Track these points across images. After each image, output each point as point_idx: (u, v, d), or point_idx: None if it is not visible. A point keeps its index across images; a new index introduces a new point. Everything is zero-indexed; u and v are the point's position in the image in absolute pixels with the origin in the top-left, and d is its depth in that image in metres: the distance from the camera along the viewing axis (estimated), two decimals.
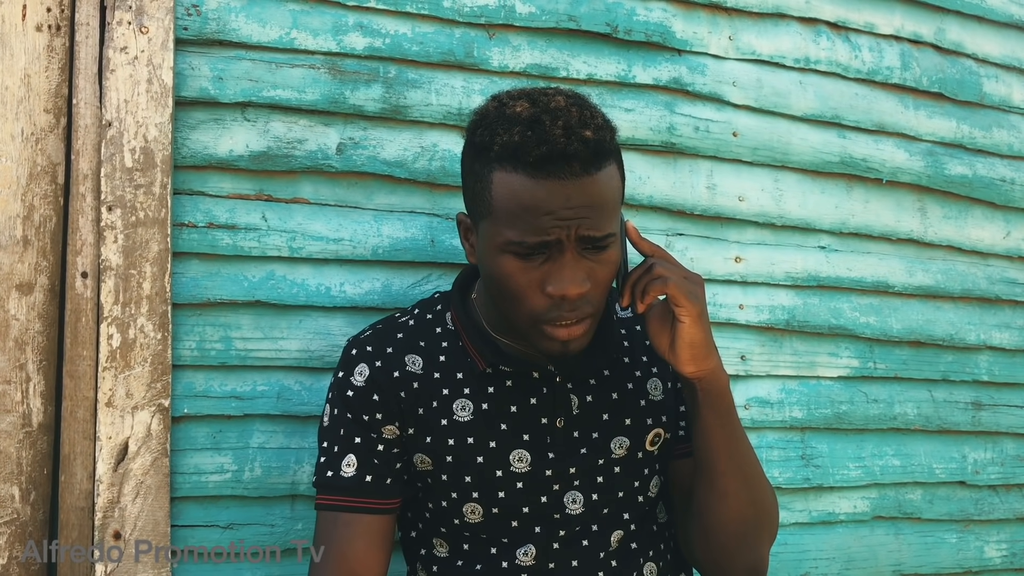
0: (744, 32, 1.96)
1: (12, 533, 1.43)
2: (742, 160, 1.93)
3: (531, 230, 1.17)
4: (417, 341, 1.35)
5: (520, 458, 1.30)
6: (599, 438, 1.33)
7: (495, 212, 1.20)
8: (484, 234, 1.24)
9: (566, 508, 1.31)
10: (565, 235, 1.18)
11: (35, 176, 1.47)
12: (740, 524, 1.29)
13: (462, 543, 1.33)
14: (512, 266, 1.20)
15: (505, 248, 1.20)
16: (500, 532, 1.31)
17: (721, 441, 1.28)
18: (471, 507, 1.31)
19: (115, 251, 1.45)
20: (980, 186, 2.20)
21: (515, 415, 1.31)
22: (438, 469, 1.31)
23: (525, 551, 1.31)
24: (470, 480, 1.30)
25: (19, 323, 1.45)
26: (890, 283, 2.06)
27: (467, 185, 1.29)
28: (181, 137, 1.53)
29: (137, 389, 1.45)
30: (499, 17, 1.74)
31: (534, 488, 1.30)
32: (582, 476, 1.31)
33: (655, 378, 1.38)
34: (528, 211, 1.17)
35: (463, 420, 1.31)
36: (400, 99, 1.65)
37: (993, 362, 2.18)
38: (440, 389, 1.32)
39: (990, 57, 2.25)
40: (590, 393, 1.33)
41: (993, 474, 2.16)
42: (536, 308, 1.21)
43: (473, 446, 1.30)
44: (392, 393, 1.31)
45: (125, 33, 1.48)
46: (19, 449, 1.44)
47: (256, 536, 1.53)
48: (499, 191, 1.19)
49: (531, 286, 1.20)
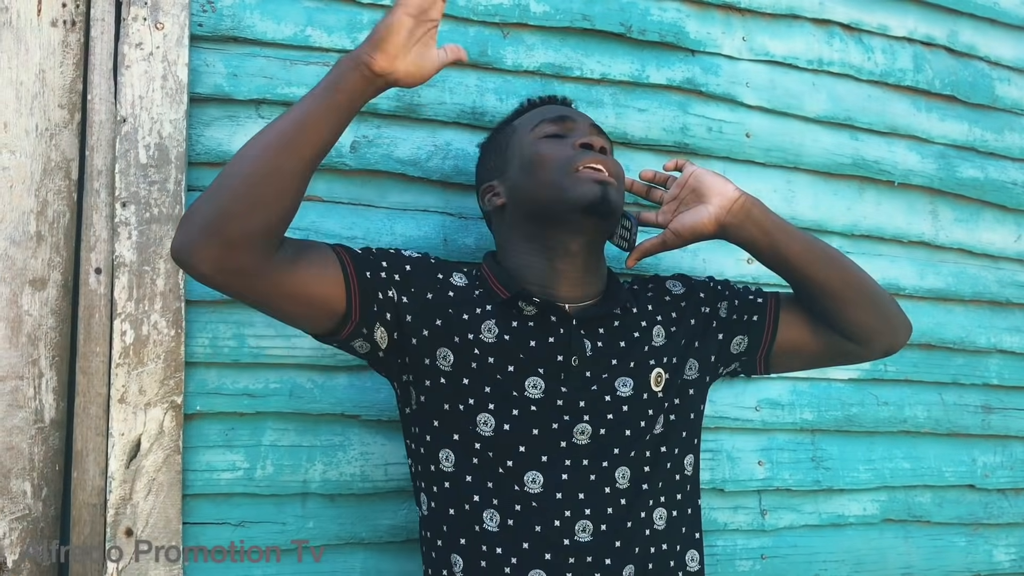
0: (758, 33, 1.96)
1: (24, 529, 1.42)
2: (755, 161, 1.93)
3: (550, 112, 1.49)
4: (463, 270, 1.45)
5: (535, 385, 1.36)
6: (608, 377, 1.39)
7: (519, 128, 1.48)
8: (515, 149, 1.46)
9: (573, 437, 1.35)
10: (575, 116, 1.48)
11: (49, 172, 1.47)
12: (864, 287, 1.49)
13: (471, 456, 1.35)
14: (545, 144, 1.43)
15: (536, 135, 1.44)
16: (508, 452, 1.34)
17: (796, 240, 1.46)
18: (484, 418, 1.34)
19: (129, 247, 1.45)
20: (992, 189, 2.19)
21: (533, 349, 1.37)
22: (459, 371, 1.35)
23: (533, 478, 1.33)
24: (488, 391, 1.35)
25: (32, 319, 1.44)
26: (901, 285, 2.05)
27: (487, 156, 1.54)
28: (195, 134, 1.52)
29: (150, 386, 1.45)
30: (513, 16, 1.73)
31: (546, 413, 1.35)
32: (591, 411, 1.37)
33: (659, 325, 1.47)
34: (544, 111, 1.50)
35: (488, 340, 1.36)
36: (414, 97, 1.65)
37: (1003, 365, 2.17)
38: (473, 308, 1.39)
39: (1003, 60, 2.24)
40: (600, 339, 1.40)
41: (1003, 478, 2.15)
42: (567, 156, 1.40)
43: (493, 365, 1.35)
44: (426, 278, 1.38)
45: (140, 29, 1.48)
46: (31, 445, 1.43)
47: (267, 534, 1.53)
48: (519, 121, 1.50)
49: (561, 148, 1.42)
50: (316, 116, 1.20)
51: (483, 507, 1.33)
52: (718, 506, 1.84)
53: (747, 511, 1.87)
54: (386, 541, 1.59)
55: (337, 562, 1.56)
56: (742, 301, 1.53)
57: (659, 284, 1.54)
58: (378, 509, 1.59)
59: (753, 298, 1.54)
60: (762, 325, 1.52)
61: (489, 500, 1.33)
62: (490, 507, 1.33)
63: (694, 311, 1.51)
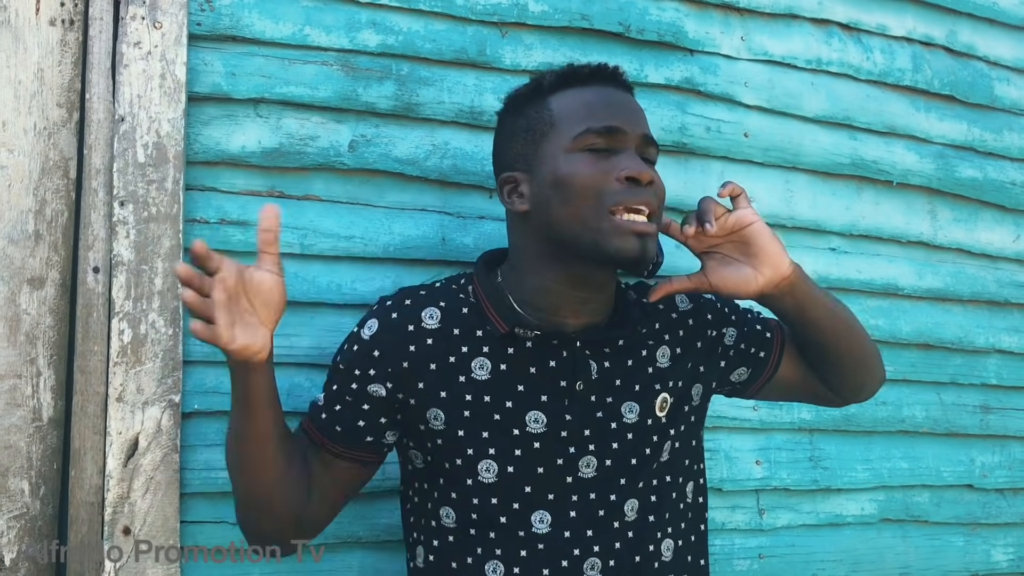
0: (756, 33, 1.96)
1: (22, 528, 1.43)
2: (753, 161, 1.93)
3: (599, 118, 1.30)
4: (438, 300, 1.36)
5: (536, 419, 1.31)
6: (613, 402, 1.34)
7: (558, 122, 1.31)
8: (547, 152, 1.31)
9: (579, 471, 1.31)
10: (628, 127, 1.31)
11: (47, 170, 1.47)
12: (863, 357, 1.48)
13: (471, 511, 1.31)
14: (584, 161, 1.28)
15: (576, 145, 1.29)
16: (513, 496, 1.30)
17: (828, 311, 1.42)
18: (486, 464, 1.30)
19: (127, 246, 1.45)
20: (990, 189, 2.20)
21: (533, 376, 1.32)
22: (454, 425, 1.31)
23: (541, 518, 1.30)
24: (487, 436, 1.30)
25: (30, 317, 1.45)
26: (899, 285, 2.05)
27: (514, 133, 1.37)
28: (194, 133, 1.52)
29: (148, 385, 1.45)
30: (512, 15, 1.73)
31: (549, 449, 1.31)
32: (596, 440, 1.32)
33: (664, 346, 1.40)
34: (592, 105, 1.31)
35: (481, 378, 1.31)
36: (412, 97, 1.65)
37: (1002, 365, 2.18)
38: (459, 346, 1.32)
39: (1002, 60, 2.24)
40: (606, 359, 1.35)
41: (1001, 478, 2.15)
42: (608, 191, 1.26)
43: (490, 404, 1.31)
44: (398, 349, 1.32)
45: (139, 28, 1.48)
46: (29, 444, 1.44)
47: None
48: (559, 105, 1.32)
49: (602, 174, 1.27)
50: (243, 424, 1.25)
51: (485, 559, 1.30)
52: (716, 505, 1.84)
53: (745, 511, 1.87)
54: (383, 540, 1.59)
55: (335, 561, 1.56)
56: (751, 331, 1.49)
57: (666, 299, 1.45)
58: (375, 508, 1.59)
59: (761, 330, 1.50)
60: (767, 362, 1.50)
61: (492, 552, 1.31)
62: (493, 558, 1.30)
63: (701, 333, 1.45)
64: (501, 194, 1.38)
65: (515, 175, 1.35)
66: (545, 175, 1.30)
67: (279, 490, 1.28)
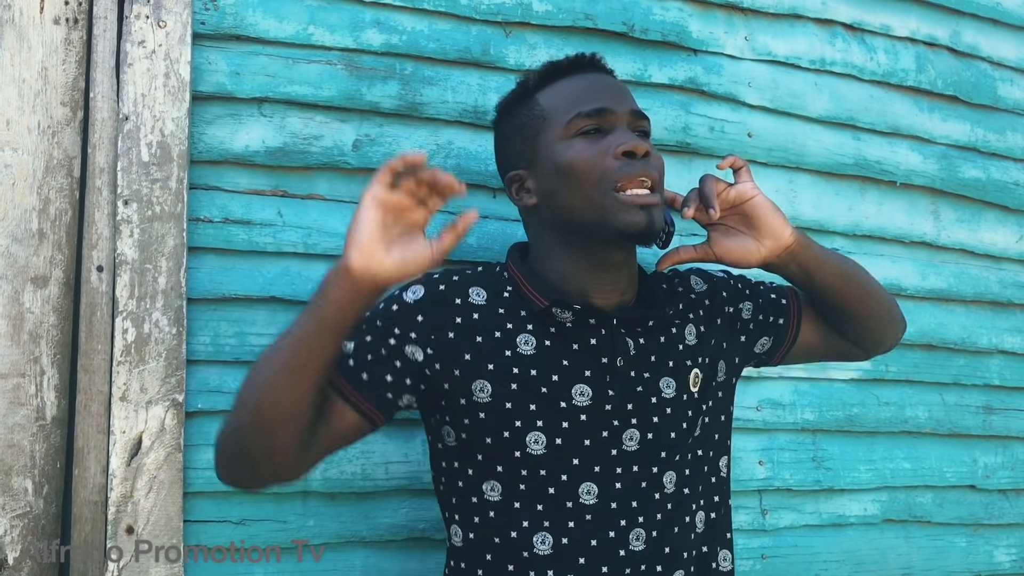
0: (760, 33, 1.96)
1: (25, 527, 1.43)
2: (757, 161, 1.92)
3: (587, 101, 1.34)
4: (482, 280, 1.38)
5: (582, 392, 1.32)
6: (651, 378, 1.37)
7: (549, 115, 1.36)
8: (544, 145, 1.35)
9: (623, 444, 1.33)
10: (616, 105, 1.35)
11: (51, 169, 1.47)
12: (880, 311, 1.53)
13: (519, 483, 1.31)
14: (579, 146, 1.32)
15: (569, 131, 1.33)
16: (561, 468, 1.31)
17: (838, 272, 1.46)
18: (535, 436, 1.31)
19: (131, 245, 1.45)
20: (993, 189, 2.19)
21: (576, 352, 1.34)
22: (501, 397, 1.31)
23: (588, 489, 1.31)
24: (535, 408, 1.31)
25: (34, 316, 1.45)
26: (903, 286, 2.05)
27: (511, 135, 1.41)
28: (198, 132, 1.52)
29: (151, 384, 1.45)
30: (516, 15, 1.73)
31: (595, 422, 1.32)
32: (639, 414, 1.34)
33: (690, 323, 1.44)
34: (577, 92, 1.36)
35: (527, 353, 1.33)
36: (416, 96, 1.65)
37: (1004, 366, 2.18)
38: (504, 323, 1.34)
39: (1005, 60, 2.24)
40: (641, 337, 1.38)
41: (1003, 478, 2.15)
42: (609, 169, 1.30)
43: (536, 377, 1.32)
44: (445, 319, 1.32)
45: (143, 27, 1.48)
46: (33, 442, 1.44)
47: (268, 532, 1.53)
48: (547, 99, 1.37)
49: (599, 154, 1.31)
50: (311, 341, 1.17)
51: (533, 531, 1.31)
52: None
53: (748, 511, 1.87)
54: (387, 539, 1.59)
55: (338, 560, 1.56)
56: (766, 301, 1.52)
57: (683, 280, 1.50)
58: (379, 507, 1.59)
59: (776, 298, 1.53)
60: (787, 328, 1.53)
61: (540, 523, 1.31)
62: (541, 530, 1.31)
63: (719, 311, 1.48)
64: (510, 193, 1.41)
65: (520, 173, 1.39)
66: (546, 166, 1.35)
67: (296, 422, 1.21)
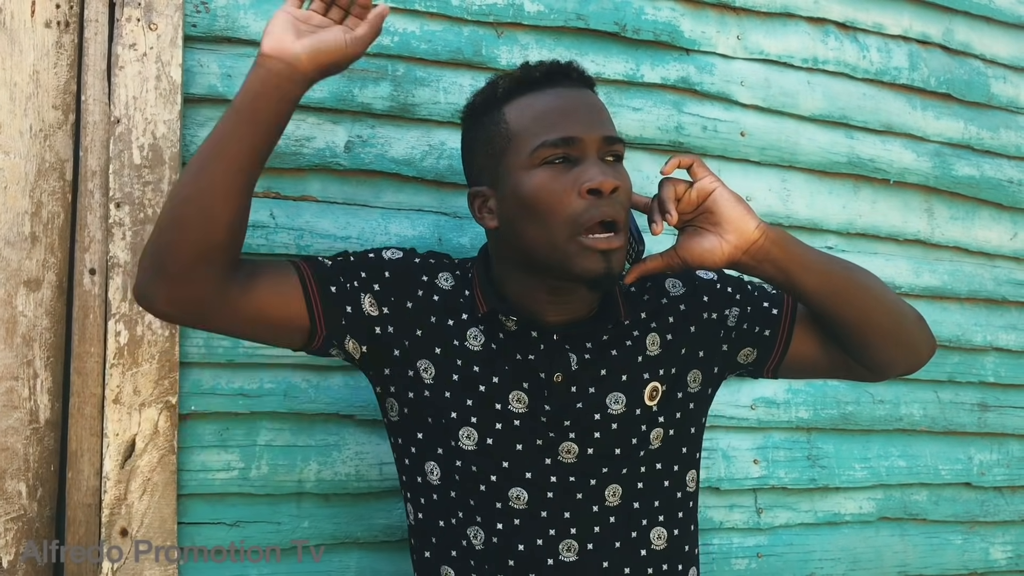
0: (752, 32, 1.96)
1: (19, 529, 1.43)
2: (750, 160, 1.93)
3: (554, 129, 1.25)
4: (454, 270, 1.38)
5: (519, 399, 1.32)
6: (596, 393, 1.33)
7: (515, 135, 1.28)
8: (507, 168, 1.28)
9: (559, 455, 1.32)
10: (586, 133, 1.26)
11: (43, 172, 1.47)
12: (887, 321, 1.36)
13: (453, 473, 1.32)
14: (542, 177, 1.25)
15: (534, 160, 1.26)
16: (491, 467, 1.31)
17: (821, 269, 1.33)
18: (467, 431, 1.31)
19: (123, 248, 1.45)
20: (987, 187, 2.20)
21: (518, 362, 1.33)
22: (442, 384, 1.32)
23: (518, 494, 1.31)
24: (471, 404, 1.31)
25: (27, 319, 1.45)
26: (897, 284, 2.05)
27: (476, 147, 1.35)
28: (189, 134, 1.52)
29: (144, 386, 1.45)
30: (508, 15, 1.74)
31: (529, 430, 1.31)
32: (577, 429, 1.32)
33: (653, 334, 1.38)
34: (546, 114, 1.27)
35: (473, 348, 1.33)
36: (408, 97, 1.65)
37: (999, 363, 2.18)
38: (460, 313, 1.34)
39: (998, 58, 2.25)
40: (588, 352, 1.34)
41: (999, 476, 2.15)
42: (573, 211, 1.24)
43: (478, 375, 1.32)
44: (408, 287, 1.33)
45: (134, 30, 1.48)
46: (26, 446, 1.44)
47: (262, 534, 1.53)
48: (514, 116, 1.29)
49: (564, 190, 1.25)
50: (228, 127, 1.18)
51: (467, 524, 1.32)
52: (714, 504, 1.84)
53: (743, 509, 1.87)
54: (381, 540, 1.59)
55: (332, 562, 1.56)
56: (755, 310, 1.42)
57: (655, 285, 1.42)
58: (373, 508, 1.59)
59: (767, 307, 1.42)
60: (774, 340, 1.42)
61: (472, 517, 1.32)
62: (474, 524, 1.32)
63: (695, 317, 1.40)
64: (472, 208, 1.36)
65: (483, 190, 1.33)
66: (509, 192, 1.29)
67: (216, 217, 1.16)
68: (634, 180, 1.79)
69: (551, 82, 1.29)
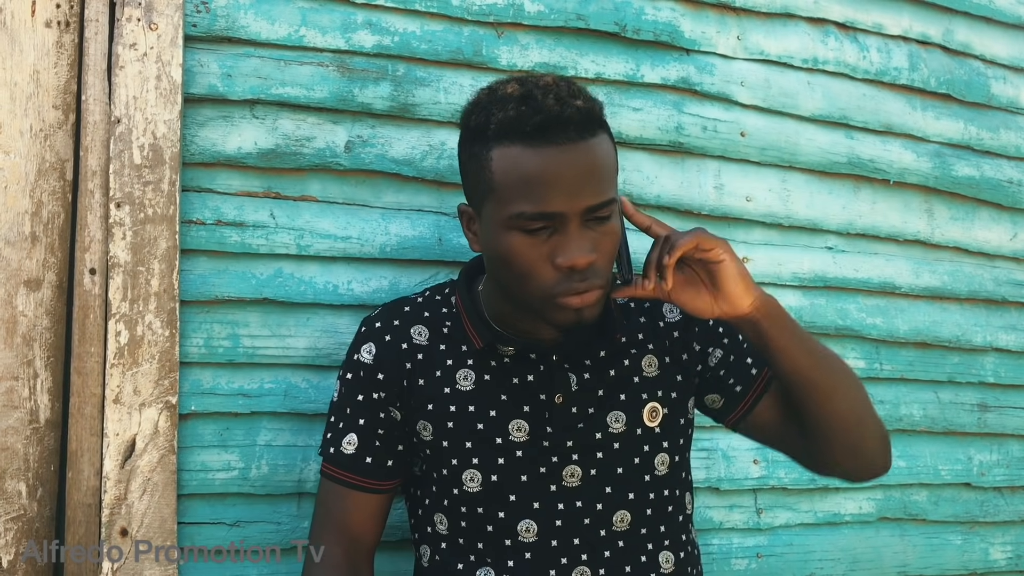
0: (752, 32, 1.96)
1: (19, 529, 1.43)
2: (750, 160, 1.93)
3: (535, 200, 1.19)
4: (423, 314, 1.39)
5: (519, 427, 1.33)
6: (596, 413, 1.34)
7: (497, 189, 1.22)
8: (488, 215, 1.25)
9: (563, 480, 1.32)
10: (568, 207, 1.19)
11: (44, 172, 1.47)
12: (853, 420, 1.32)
13: (460, 519, 1.34)
14: (518, 242, 1.21)
15: (511, 224, 1.21)
16: (499, 505, 1.32)
17: (803, 355, 1.29)
18: (470, 474, 1.32)
19: (123, 248, 1.45)
20: (987, 187, 2.20)
21: (515, 387, 1.34)
22: (439, 436, 1.34)
23: (527, 527, 1.31)
24: (470, 446, 1.32)
25: (27, 319, 1.45)
26: (896, 284, 2.05)
27: (466, 171, 1.31)
28: (190, 134, 1.52)
29: (145, 386, 1.45)
30: (508, 16, 1.73)
31: (533, 458, 1.32)
32: (579, 450, 1.33)
33: (650, 355, 1.39)
34: (530, 182, 1.19)
35: (465, 389, 1.34)
36: (408, 97, 1.65)
37: (999, 364, 2.18)
38: (444, 359, 1.36)
39: (998, 58, 2.25)
40: (587, 371, 1.35)
41: (999, 476, 2.15)
42: (546, 282, 1.21)
43: (474, 413, 1.33)
44: (397, 369, 1.36)
45: (134, 30, 1.48)
46: (26, 445, 1.44)
47: (262, 534, 1.53)
48: (500, 167, 1.22)
49: (539, 260, 1.21)
50: None
51: (478, 566, 1.33)
52: (714, 505, 1.84)
53: (743, 510, 1.87)
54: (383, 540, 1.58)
55: None
56: (737, 361, 1.41)
57: (654, 305, 1.42)
58: None
59: (750, 365, 1.41)
60: (742, 397, 1.41)
61: (483, 559, 1.33)
62: (485, 565, 1.33)
63: (688, 346, 1.41)
64: (461, 222, 1.35)
65: (470, 211, 1.33)
66: (488, 238, 1.26)
67: None
68: (634, 180, 1.80)
69: (544, 137, 1.19)
